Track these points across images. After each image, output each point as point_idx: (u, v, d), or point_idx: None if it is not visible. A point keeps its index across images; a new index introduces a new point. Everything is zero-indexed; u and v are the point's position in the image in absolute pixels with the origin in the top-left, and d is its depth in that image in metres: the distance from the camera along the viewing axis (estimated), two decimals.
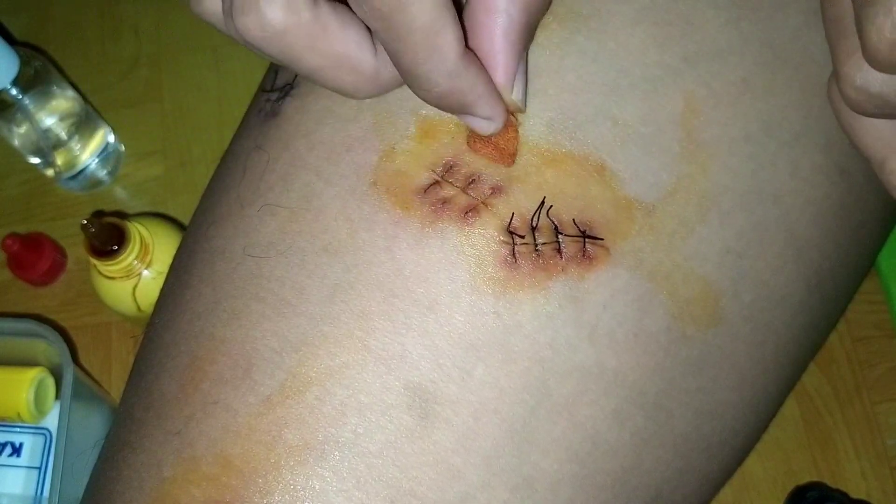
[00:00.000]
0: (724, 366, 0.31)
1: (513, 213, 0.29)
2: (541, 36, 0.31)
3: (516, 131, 0.30)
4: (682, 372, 0.30)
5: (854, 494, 0.50)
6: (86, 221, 0.45)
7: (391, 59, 0.26)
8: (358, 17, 0.26)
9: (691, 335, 0.30)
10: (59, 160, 0.57)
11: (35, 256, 0.55)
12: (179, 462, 0.28)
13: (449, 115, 0.30)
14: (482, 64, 0.27)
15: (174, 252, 0.37)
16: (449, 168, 0.30)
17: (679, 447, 0.31)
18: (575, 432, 0.29)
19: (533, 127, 0.30)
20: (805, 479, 0.51)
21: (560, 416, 0.29)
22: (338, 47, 0.26)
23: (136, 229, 0.48)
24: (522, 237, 0.29)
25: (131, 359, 0.34)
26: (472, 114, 0.28)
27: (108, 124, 0.59)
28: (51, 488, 0.44)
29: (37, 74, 0.53)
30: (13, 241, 0.52)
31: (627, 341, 0.29)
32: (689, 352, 0.30)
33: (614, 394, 0.29)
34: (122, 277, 0.48)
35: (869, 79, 0.26)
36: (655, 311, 0.30)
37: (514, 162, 0.30)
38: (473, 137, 0.30)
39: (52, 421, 0.50)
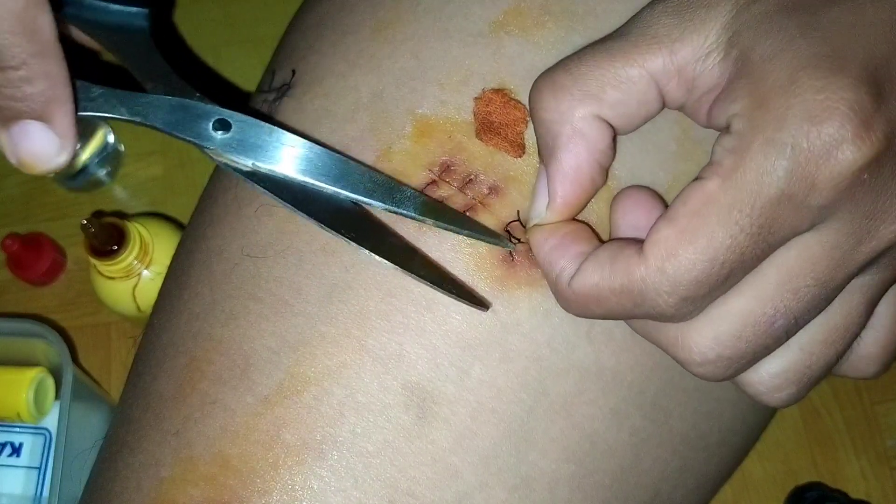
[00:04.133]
0: None
1: (517, 212, 0.29)
2: (537, 35, 0.31)
3: (525, 124, 0.30)
4: (681, 371, 0.30)
5: (854, 494, 0.50)
6: (86, 221, 0.45)
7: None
8: None
9: None
10: None
11: (35, 256, 0.55)
12: (177, 462, 0.28)
13: (445, 114, 0.30)
14: None
15: (174, 252, 0.37)
16: (446, 168, 0.30)
17: (677, 446, 0.31)
18: (573, 432, 0.29)
19: (530, 126, 0.30)
20: (805, 479, 0.51)
21: (558, 416, 0.29)
22: None
23: (136, 229, 0.48)
24: (519, 240, 0.29)
25: (131, 359, 0.34)
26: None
27: (108, 124, 0.59)
28: (50, 488, 0.44)
29: None
30: (13, 241, 0.52)
31: (625, 340, 0.29)
32: None
33: (612, 393, 0.29)
34: (121, 277, 0.48)
35: None
36: None
37: (524, 153, 0.30)
38: (483, 129, 0.30)
39: (51, 421, 0.50)
